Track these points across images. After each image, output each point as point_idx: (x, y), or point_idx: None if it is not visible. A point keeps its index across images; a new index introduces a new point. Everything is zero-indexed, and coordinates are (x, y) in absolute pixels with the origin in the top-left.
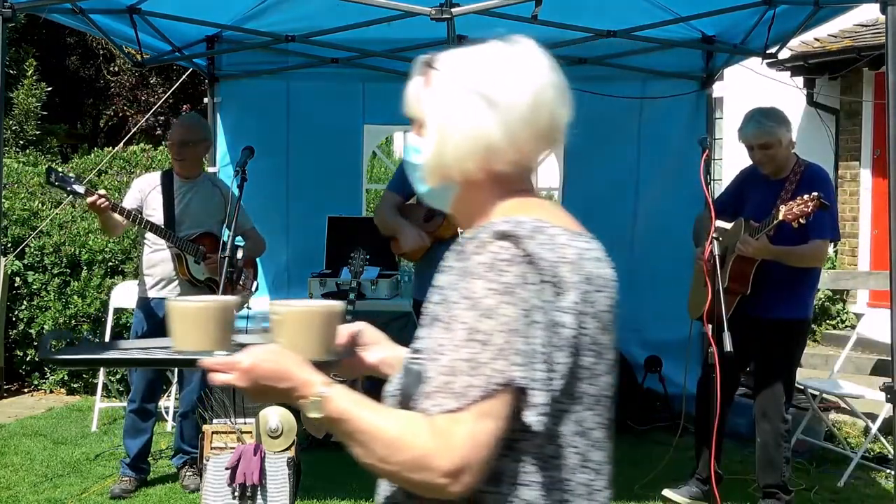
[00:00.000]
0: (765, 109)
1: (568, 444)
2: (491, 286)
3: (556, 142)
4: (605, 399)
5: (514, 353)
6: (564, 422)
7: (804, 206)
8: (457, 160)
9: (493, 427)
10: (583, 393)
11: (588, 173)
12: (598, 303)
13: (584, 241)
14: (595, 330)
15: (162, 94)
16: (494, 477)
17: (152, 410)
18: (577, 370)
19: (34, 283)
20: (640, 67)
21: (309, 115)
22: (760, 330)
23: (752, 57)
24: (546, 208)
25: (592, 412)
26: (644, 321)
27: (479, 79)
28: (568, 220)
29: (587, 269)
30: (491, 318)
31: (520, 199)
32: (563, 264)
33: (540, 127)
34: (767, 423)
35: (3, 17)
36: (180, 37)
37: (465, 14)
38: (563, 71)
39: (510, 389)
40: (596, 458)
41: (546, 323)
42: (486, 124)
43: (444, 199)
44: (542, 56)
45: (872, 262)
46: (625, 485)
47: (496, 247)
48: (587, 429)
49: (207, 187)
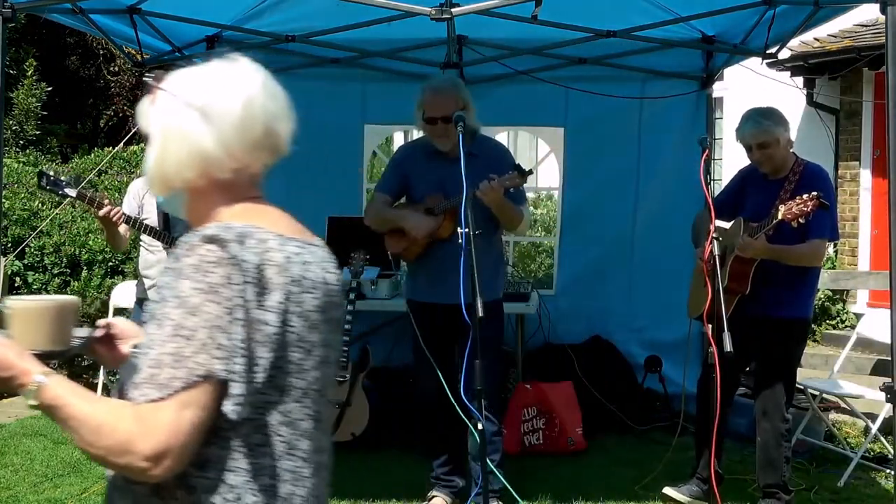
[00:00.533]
0: (762, 109)
1: (274, 433)
2: (197, 286)
3: (277, 151)
4: (313, 392)
5: (215, 347)
6: (271, 412)
7: (803, 205)
8: (177, 170)
9: (194, 415)
10: (290, 386)
11: (588, 173)
12: (305, 303)
13: (296, 245)
14: (302, 328)
15: None
16: (202, 463)
17: None
18: (283, 364)
19: (34, 283)
20: (639, 67)
21: (309, 115)
22: (760, 330)
23: (751, 57)
24: (266, 215)
25: (300, 404)
26: (644, 321)
27: (195, 94)
28: (287, 227)
29: (294, 272)
30: (195, 316)
31: (245, 205)
32: (269, 266)
33: (254, 137)
34: (768, 423)
35: (3, 17)
36: (180, 37)
37: (465, 14)
38: (563, 71)
39: (212, 381)
40: (303, 446)
41: (248, 320)
42: (200, 136)
43: (178, 206)
44: (256, 72)
45: (872, 262)
46: (625, 485)
47: (204, 250)
48: (295, 419)
49: None
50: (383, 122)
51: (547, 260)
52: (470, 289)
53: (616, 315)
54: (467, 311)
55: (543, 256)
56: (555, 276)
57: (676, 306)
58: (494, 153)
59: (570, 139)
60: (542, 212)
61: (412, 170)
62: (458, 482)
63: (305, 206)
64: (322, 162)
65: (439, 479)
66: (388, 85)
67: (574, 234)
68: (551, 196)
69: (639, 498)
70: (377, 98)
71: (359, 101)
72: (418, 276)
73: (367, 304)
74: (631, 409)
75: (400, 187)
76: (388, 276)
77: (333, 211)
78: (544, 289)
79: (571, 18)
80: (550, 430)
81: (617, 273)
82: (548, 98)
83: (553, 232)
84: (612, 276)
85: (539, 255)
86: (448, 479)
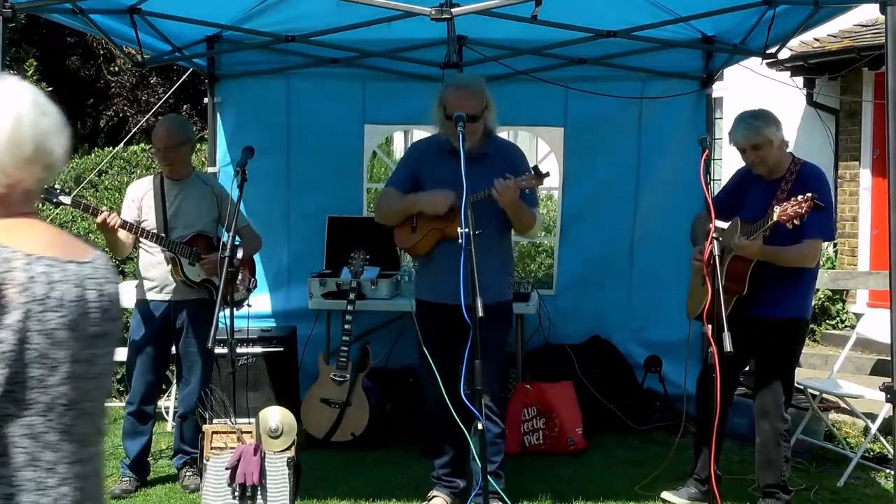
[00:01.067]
0: (753, 111)
1: (14, 444)
2: None
3: (51, 167)
4: (60, 406)
5: None
6: (9, 425)
7: (798, 206)
8: None
9: None
10: (32, 400)
11: (588, 173)
12: (50, 321)
13: (45, 264)
14: (45, 346)
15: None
16: None
17: (150, 412)
18: (23, 380)
19: None
20: (639, 67)
21: (309, 115)
22: (759, 329)
23: (751, 57)
24: (28, 232)
25: (44, 418)
26: (644, 321)
27: None
28: (48, 245)
29: (38, 291)
30: None
31: (13, 220)
32: (8, 286)
33: (25, 154)
34: (767, 423)
35: (3, 17)
36: (180, 37)
37: (465, 14)
38: (563, 71)
39: None
40: (48, 458)
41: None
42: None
43: None
44: (26, 90)
45: (872, 262)
46: (625, 485)
47: None
48: (38, 433)
49: (199, 186)
50: (383, 122)
51: (547, 260)
52: (470, 289)
53: (616, 315)
54: (467, 311)
55: (543, 256)
56: (555, 276)
57: (676, 306)
58: (510, 154)
59: (569, 139)
60: (542, 212)
61: (425, 167)
62: (459, 483)
63: (305, 206)
64: (322, 162)
65: (441, 479)
66: (388, 85)
67: (574, 234)
68: (551, 196)
69: (639, 498)
70: (377, 98)
71: (359, 101)
72: (426, 275)
73: (367, 304)
74: (631, 409)
75: (412, 184)
76: (388, 276)
77: (333, 211)
78: (544, 289)
79: (571, 18)
80: (550, 430)
81: (617, 273)
82: (548, 98)
83: (553, 232)
84: (612, 276)
85: (539, 255)
86: (449, 479)
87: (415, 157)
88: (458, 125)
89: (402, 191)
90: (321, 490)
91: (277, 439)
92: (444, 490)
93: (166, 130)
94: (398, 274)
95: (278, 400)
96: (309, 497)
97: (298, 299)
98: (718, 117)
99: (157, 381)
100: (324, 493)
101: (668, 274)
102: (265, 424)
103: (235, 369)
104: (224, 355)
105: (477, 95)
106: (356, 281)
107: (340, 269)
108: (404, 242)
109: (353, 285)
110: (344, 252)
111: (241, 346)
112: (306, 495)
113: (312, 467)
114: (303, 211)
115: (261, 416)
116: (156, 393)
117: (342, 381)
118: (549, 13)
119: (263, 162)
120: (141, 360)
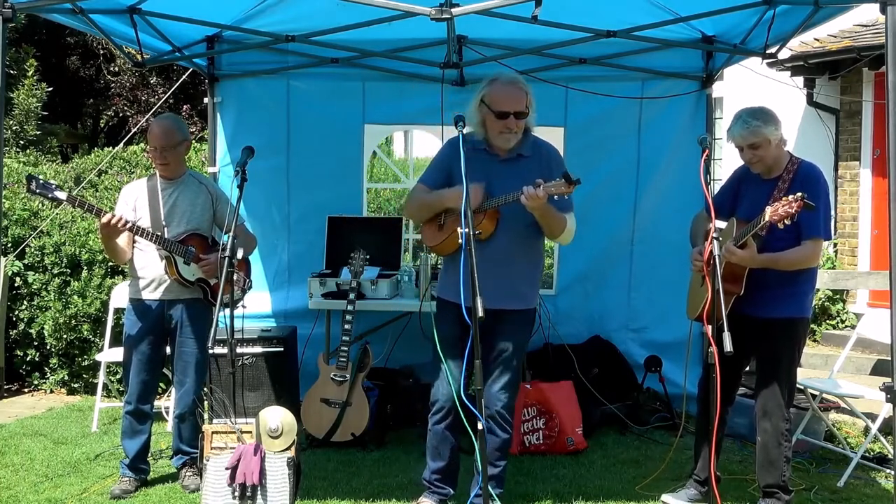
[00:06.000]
0: (752, 109)
1: None
2: None
3: None
4: None
5: None
6: None
7: (788, 206)
8: None
9: None
10: None
11: (588, 173)
12: None
13: None
14: None
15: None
16: None
17: (148, 412)
18: None
19: (34, 284)
20: (639, 67)
21: (309, 114)
22: (759, 329)
23: (752, 57)
24: None
25: None
26: (644, 321)
27: None
28: None
29: None
30: None
31: None
32: None
33: None
34: (768, 423)
35: (3, 17)
36: (180, 37)
37: (465, 14)
38: (563, 71)
39: None
40: None
41: None
42: None
43: None
44: None
45: (872, 262)
46: (624, 485)
47: None
48: None
49: (193, 185)
50: (383, 122)
51: (547, 260)
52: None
53: (616, 315)
54: (467, 312)
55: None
56: (555, 276)
57: (676, 306)
58: (546, 157)
59: (570, 139)
60: None
61: (458, 165)
62: (448, 491)
63: (305, 206)
64: (322, 162)
65: (432, 484)
66: (388, 85)
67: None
68: None
69: (639, 498)
70: (377, 98)
71: (359, 101)
72: (450, 274)
73: (367, 304)
74: (631, 409)
75: (443, 181)
76: (388, 276)
77: (333, 211)
78: (544, 289)
79: (571, 18)
80: (550, 430)
81: (617, 273)
82: (548, 98)
83: None
84: (612, 276)
85: None
86: (440, 486)
87: (449, 154)
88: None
89: (432, 188)
90: (321, 490)
91: (277, 439)
92: (433, 496)
93: (163, 129)
94: (398, 274)
95: (278, 400)
96: (309, 497)
97: (298, 299)
98: (718, 117)
99: (152, 379)
100: (324, 493)
101: (668, 274)
102: (265, 424)
103: (235, 369)
104: (224, 355)
105: (523, 93)
106: (356, 281)
107: (340, 269)
108: (431, 240)
109: (353, 285)
110: (344, 252)
111: (240, 346)
112: (306, 495)
113: (312, 467)
114: (303, 211)
115: (261, 416)
116: (153, 392)
117: (342, 381)
118: (549, 13)
119: (263, 162)
120: (136, 358)
